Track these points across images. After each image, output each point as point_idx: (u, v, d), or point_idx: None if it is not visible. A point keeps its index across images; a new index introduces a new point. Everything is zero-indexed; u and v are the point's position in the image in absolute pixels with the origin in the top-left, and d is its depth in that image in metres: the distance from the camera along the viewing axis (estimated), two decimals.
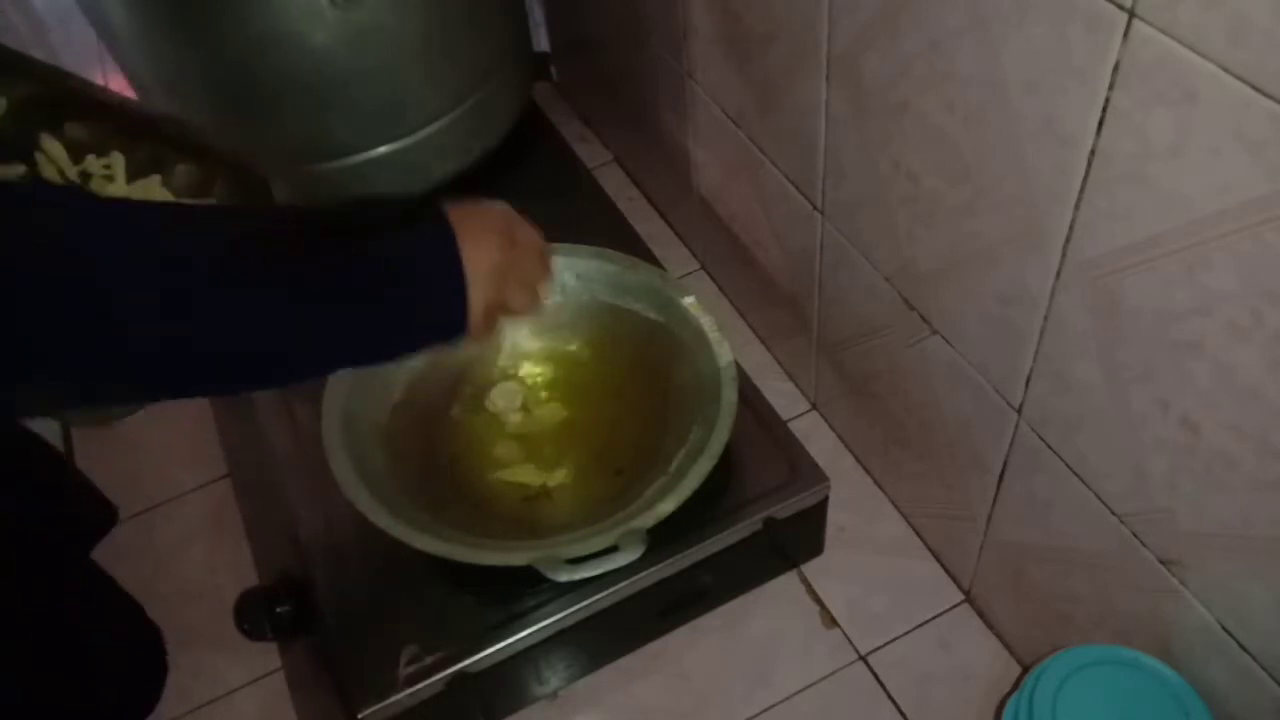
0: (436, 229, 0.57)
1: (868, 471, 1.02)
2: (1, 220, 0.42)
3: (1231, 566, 0.61)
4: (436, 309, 0.56)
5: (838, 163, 0.83)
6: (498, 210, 0.63)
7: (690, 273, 1.23)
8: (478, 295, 0.57)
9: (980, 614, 0.92)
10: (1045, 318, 0.66)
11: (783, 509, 0.84)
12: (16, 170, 0.73)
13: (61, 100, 0.76)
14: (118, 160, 0.75)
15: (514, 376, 0.93)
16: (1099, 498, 0.69)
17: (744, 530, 0.83)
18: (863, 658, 0.90)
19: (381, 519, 0.76)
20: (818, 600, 0.94)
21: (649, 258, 0.98)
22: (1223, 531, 0.60)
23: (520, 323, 0.69)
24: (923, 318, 0.80)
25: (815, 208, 0.90)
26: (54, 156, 0.74)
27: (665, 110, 1.13)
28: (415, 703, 0.75)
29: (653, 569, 0.80)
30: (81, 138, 0.76)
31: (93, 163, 0.75)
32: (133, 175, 0.76)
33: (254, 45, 0.86)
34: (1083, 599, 0.77)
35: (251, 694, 0.93)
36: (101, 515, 0.91)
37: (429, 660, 0.76)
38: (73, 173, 0.75)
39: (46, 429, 0.93)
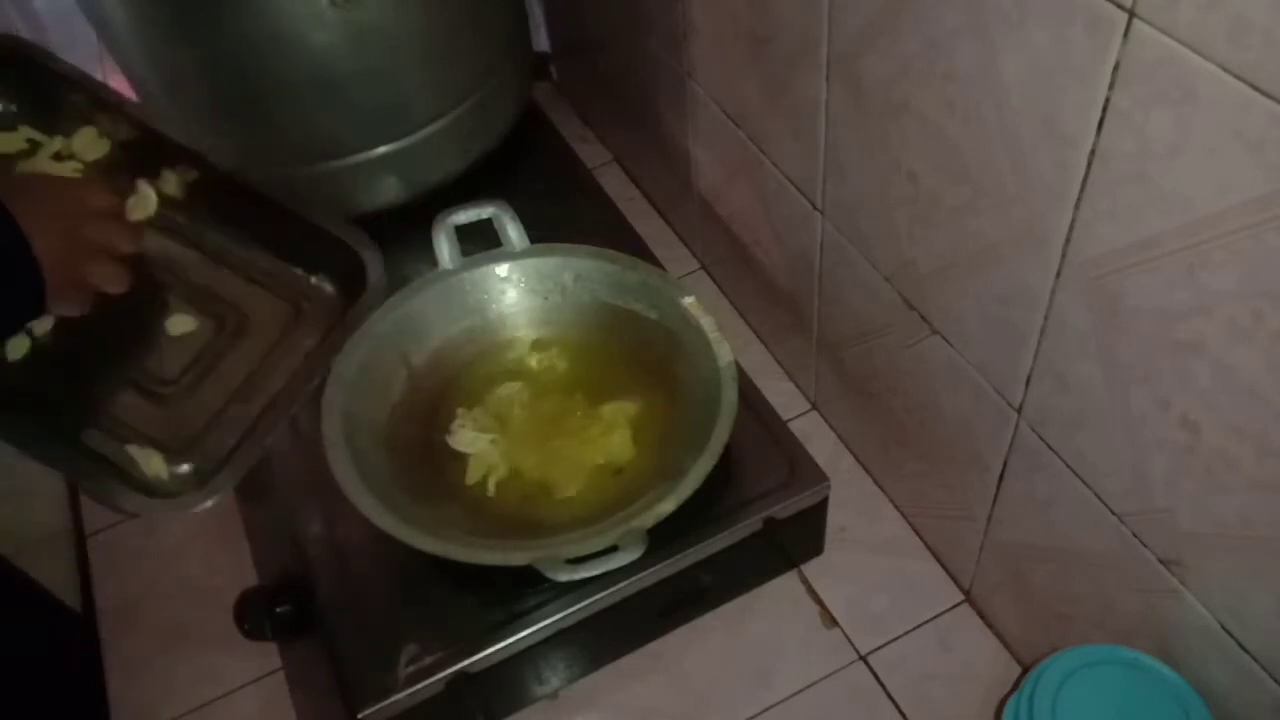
0: None
1: (868, 471, 1.02)
2: None
3: (1231, 566, 0.61)
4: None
5: (838, 163, 0.83)
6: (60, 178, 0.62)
7: (690, 273, 1.23)
8: (47, 255, 0.57)
9: (980, 614, 0.92)
10: (1045, 318, 0.67)
11: (783, 509, 0.84)
12: None
13: (160, 146, 0.75)
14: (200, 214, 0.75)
15: (515, 376, 0.93)
16: (1099, 498, 0.69)
17: (744, 530, 0.83)
18: (863, 658, 0.90)
19: (382, 519, 0.76)
20: (818, 600, 0.94)
21: (649, 258, 0.98)
22: (1223, 531, 0.60)
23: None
24: (923, 318, 0.80)
25: (815, 208, 0.90)
26: (144, 204, 0.74)
27: (665, 110, 1.13)
28: (415, 703, 0.75)
29: (653, 569, 0.80)
30: (174, 187, 0.75)
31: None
32: None
33: (254, 45, 0.86)
34: (1083, 599, 0.77)
35: (251, 694, 0.93)
36: None
37: (429, 660, 0.76)
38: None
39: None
